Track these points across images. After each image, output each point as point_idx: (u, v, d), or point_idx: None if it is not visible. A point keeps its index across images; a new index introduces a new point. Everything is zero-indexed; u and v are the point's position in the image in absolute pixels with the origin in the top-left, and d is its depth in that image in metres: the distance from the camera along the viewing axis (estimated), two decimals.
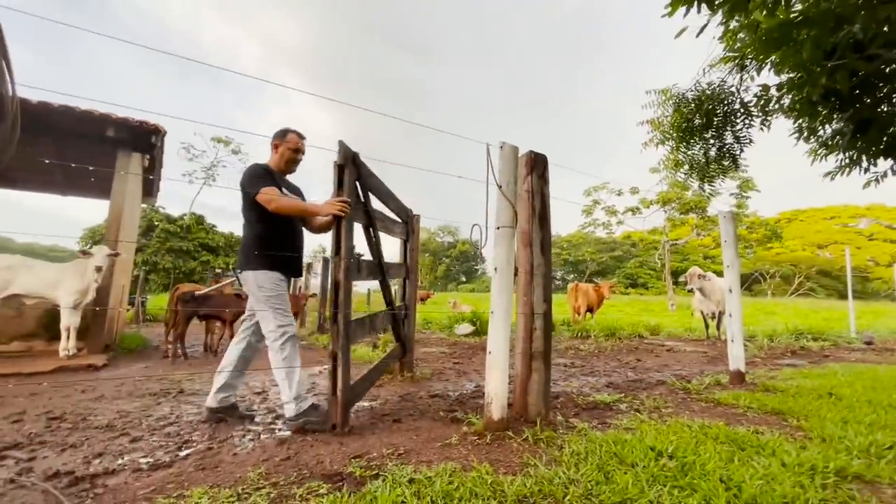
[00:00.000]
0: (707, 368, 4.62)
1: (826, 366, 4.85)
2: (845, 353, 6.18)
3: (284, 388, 2.45)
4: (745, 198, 19.66)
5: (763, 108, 3.38)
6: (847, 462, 1.88)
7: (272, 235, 2.59)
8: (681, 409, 2.86)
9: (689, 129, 3.50)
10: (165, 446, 2.16)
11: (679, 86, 3.54)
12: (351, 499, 1.51)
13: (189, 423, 2.57)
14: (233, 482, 1.69)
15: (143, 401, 3.09)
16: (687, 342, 7.35)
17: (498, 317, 2.29)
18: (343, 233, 2.39)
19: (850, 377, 3.89)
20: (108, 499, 1.58)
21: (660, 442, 2.04)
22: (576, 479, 1.67)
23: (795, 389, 3.35)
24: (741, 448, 2.04)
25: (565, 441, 2.11)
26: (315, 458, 1.97)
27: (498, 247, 2.36)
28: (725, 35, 3.08)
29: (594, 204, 23.23)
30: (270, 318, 2.51)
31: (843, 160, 3.52)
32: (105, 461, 1.95)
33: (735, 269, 3.79)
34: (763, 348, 6.37)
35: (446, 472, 1.71)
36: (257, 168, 2.64)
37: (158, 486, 1.68)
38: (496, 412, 2.26)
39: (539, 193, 2.60)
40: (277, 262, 2.58)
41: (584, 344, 6.76)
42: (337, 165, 2.44)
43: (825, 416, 2.60)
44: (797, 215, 50.11)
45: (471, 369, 4.51)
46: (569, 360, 5.20)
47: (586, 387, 3.65)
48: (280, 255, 2.59)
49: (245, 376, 2.75)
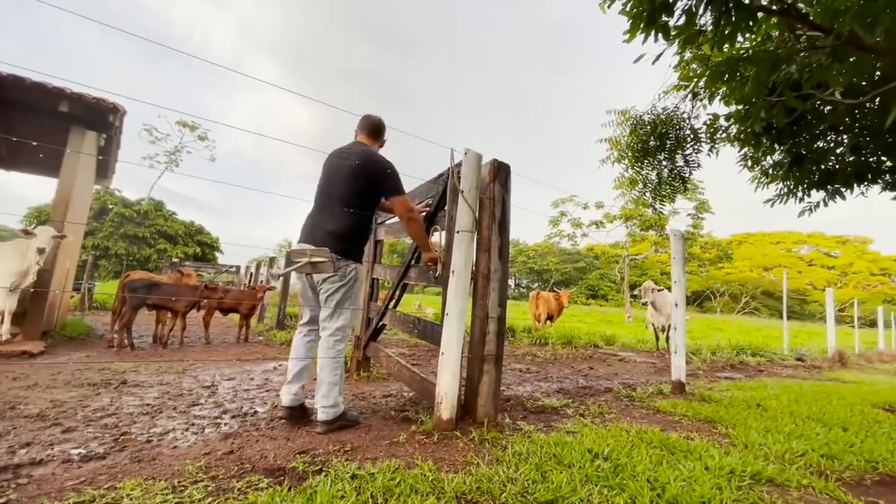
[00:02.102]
0: (653, 378, 4.85)
1: (760, 380, 5.20)
2: (778, 369, 6.64)
3: (324, 389, 2.32)
4: (700, 219, 20.73)
5: (712, 136, 3.63)
6: (763, 467, 2.04)
7: (369, 232, 2.60)
8: (623, 415, 3.00)
9: (644, 149, 3.71)
10: (101, 438, 2.08)
11: (637, 108, 3.75)
12: (291, 493, 1.52)
13: (129, 414, 2.47)
14: (170, 475, 1.66)
15: (81, 390, 2.94)
16: (639, 353, 7.67)
17: (452, 318, 2.34)
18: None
19: (778, 391, 4.20)
20: (31, 489, 1.51)
21: (597, 445, 2.15)
22: (514, 478, 1.74)
23: (729, 400, 3.58)
24: (671, 452, 2.17)
25: (510, 442, 2.18)
26: (259, 452, 1.95)
27: (457, 250, 2.42)
28: (680, 64, 3.30)
29: (561, 215, 23.85)
30: (342, 316, 2.41)
31: (782, 189, 3.81)
32: (32, 451, 1.86)
33: (681, 285, 4.01)
34: (706, 361, 6.74)
35: (390, 469, 1.73)
36: (394, 166, 2.54)
37: (89, 477, 1.62)
38: (445, 412, 2.30)
39: (500, 201, 2.68)
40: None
41: (542, 351, 6.94)
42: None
43: (750, 425, 2.81)
44: (747, 238, 53.17)
45: (428, 371, 4.54)
46: (525, 366, 5.33)
47: (538, 391, 3.76)
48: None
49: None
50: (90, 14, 5.33)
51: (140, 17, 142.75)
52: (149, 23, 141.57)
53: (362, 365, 3.97)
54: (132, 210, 22.29)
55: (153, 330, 5.73)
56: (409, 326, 3.24)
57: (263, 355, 5.09)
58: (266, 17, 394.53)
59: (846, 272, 45.59)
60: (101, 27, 13.91)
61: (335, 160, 2.56)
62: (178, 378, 3.52)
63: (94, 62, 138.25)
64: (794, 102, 2.58)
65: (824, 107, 3.34)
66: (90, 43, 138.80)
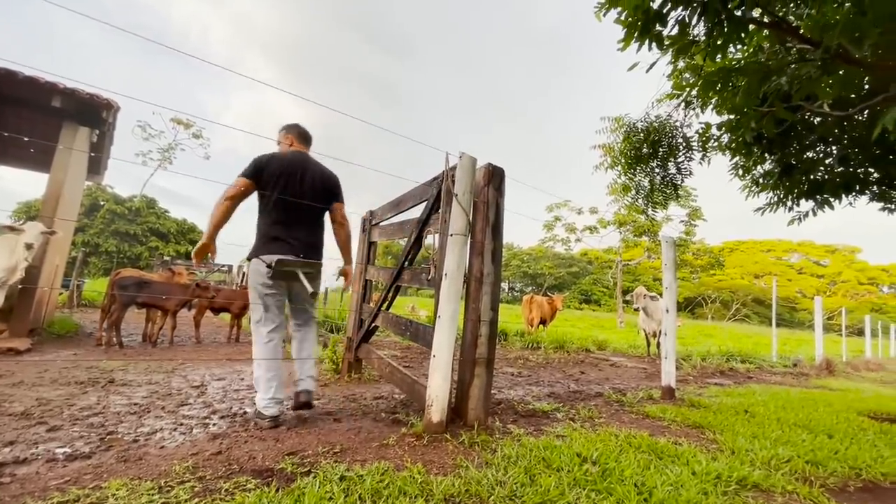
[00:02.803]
0: (643, 383, 4.88)
1: (748, 386, 5.25)
2: (767, 376, 6.71)
3: (315, 366, 2.68)
4: (693, 226, 20.92)
5: (703, 145, 3.68)
6: (749, 472, 2.06)
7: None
8: (612, 420, 3.02)
9: (637, 156, 3.75)
10: (87, 437, 2.06)
11: (631, 115, 3.80)
12: (279, 494, 1.51)
13: (116, 413, 2.45)
14: (156, 475, 1.64)
15: (68, 389, 2.91)
16: (630, 358, 7.72)
17: (444, 321, 2.35)
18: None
19: (766, 397, 4.24)
20: (14, 488, 1.49)
21: (586, 449, 2.16)
22: (503, 481, 1.75)
23: (717, 406, 3.62)
24: (659, 457, 2.19)
25: (499, 445, 2.19)
26: (248, 453, 1.94)
27: (450, 253, 2.43)
28: (673, 73, 3.35)
29: (555, 220, 23.95)
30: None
31: (772, 198, 3.87)
32: (16, 450, 1.84)
33: (672, 291, 4.05)
34: (696, 367, 6.79)
35: (379, 471, 1.73)
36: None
37: (73, 476, 1.60)
38: (436, 415, 2.30)
39: (494, 205, 2.69)
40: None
41: (534, 355, 6.95)
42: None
43: (738, 431, 2.83)
44: (738, 245, 53.76)
45: (420, 373, 4.54)
46: (517, 370, 5.34)
47: (529, 395, 3.77)
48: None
49: (306, 363, 2.68)
50: (88, 11, 5.31)
51: (137, 15, 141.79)
52: (146, 20, 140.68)
53: (353, 366, 3.96)
54: (124, 207, 22.09)
55: (143, 328, 5.68)
56: (401, 328, 3.25)
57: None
58: (263, 17, 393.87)
59: (835, 281, 46.25)
60: (100, 25, 13.77)
61: (297, 171, 2.63)
62: (167, 377, 3.49)
63: (91, 60, 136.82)
64: (784, 113, 2.62)
65: (813, 118, 3.40)
66: (89, 41, 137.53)
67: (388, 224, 3.91)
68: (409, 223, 3.43)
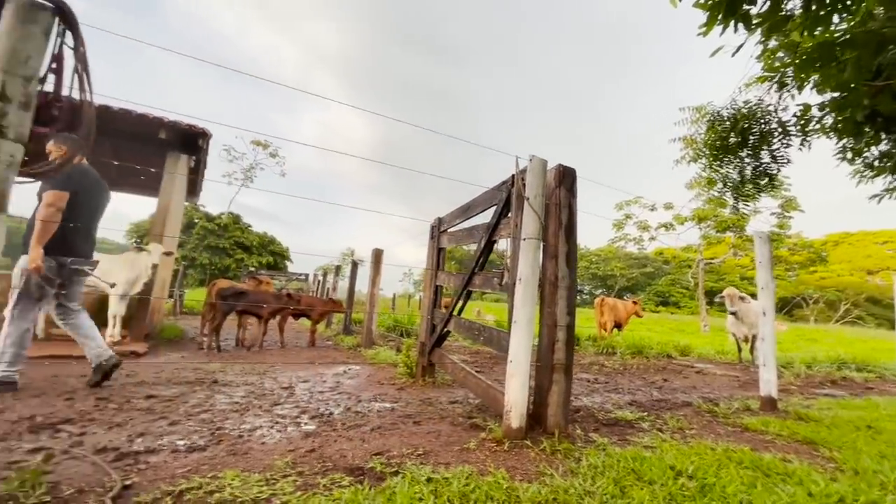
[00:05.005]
0: (737, 393, 4.46)
1: (868, 398, 4.59)
2: (892, 387, 5.83)
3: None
4: (787, 217, 18.84)
5: (803, 128, 3.29)
6: (880, 497, 1.81)
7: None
8: (705, 432, 2.79)
9: (724, 147, 3.44)
10: (200, 431, 2.30)
11: (714, 103, 3.50)
12: (371, 492, 1.58)
13: (221, 411, 2.71)
14: (262, 468, 1.79)
15: (180, 388, 3.27)
16: (718, 365, 7.10)
17: (520, 326, 2.33)
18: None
19: (894, 411, 3.68)
20: (150, 474, 1.71)
21: (680, 462, 2.02)
22: (591, 492, 1.69)
23: (831, 420, 3.21)
24: (766, 474, 1.99)
25: (583, 454, 2.11)
26: (338, 452, 2.05)
27: (523, 258, 2.40)
28: (763, 54, 3.04)
29: (626, 218, 22.77)
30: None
31: (891, 182, 3.38)
32: (147, 441, 2.10)
33: (769, 292, 3.67)
34: (800, 376, 6.08)
35: (463, 475, 1.75)
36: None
37: (194, 466, 1.80)
38: (515, 421, 2.28)
39: (567, 207, 2.63)
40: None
41: (610, 360, 6.64)
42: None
43: (861, 449, 2.49)
44: (845, 238, 47.41)
45: (492, 378, 4.52)
46: (592, 376, 5.13)
47: (608, 403, 3.61)
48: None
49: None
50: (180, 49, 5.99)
51: (215, 45, 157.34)
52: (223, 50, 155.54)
53: (427, 371, 4.04)
54: (214, 223, 24.49)
55: (235, 334, 6.24)
56: (473, 333, 3.26)
57: (333, 359, 5.35)
58: (328, 39, 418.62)
59: None
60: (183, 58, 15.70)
61: (97, 184, 3.30)
62: (259, 379, 3.79)
63: (175, 89, 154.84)
64: None
65: None
66: (172, 71, 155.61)
67: (457, 230, 3.96)
68: (478, 228, 3.45)
